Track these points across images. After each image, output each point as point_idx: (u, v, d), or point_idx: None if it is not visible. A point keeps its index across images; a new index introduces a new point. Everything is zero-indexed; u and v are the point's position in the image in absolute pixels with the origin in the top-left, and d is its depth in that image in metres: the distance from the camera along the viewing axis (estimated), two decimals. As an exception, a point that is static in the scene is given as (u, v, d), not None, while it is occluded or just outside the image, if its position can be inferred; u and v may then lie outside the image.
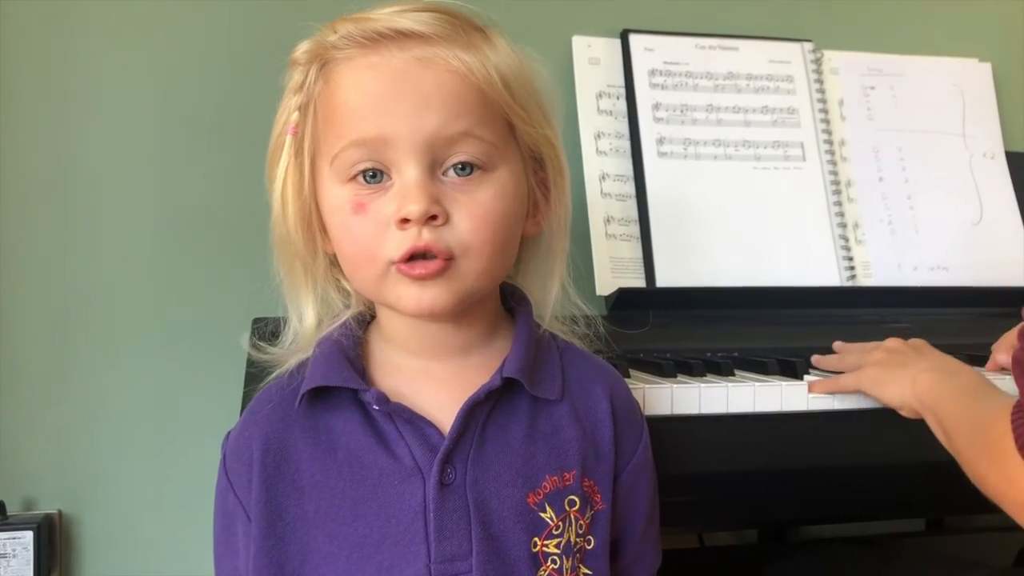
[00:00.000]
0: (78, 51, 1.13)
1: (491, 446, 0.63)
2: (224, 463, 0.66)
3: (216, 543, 0.67)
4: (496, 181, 0.61)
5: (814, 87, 1.23)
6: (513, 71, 0.62)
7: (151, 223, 1.15)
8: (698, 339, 1.05)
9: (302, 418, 0.64)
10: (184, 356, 1.14)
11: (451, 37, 0.60)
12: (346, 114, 0.60)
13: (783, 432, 0.84)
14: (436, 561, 0.60)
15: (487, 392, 0.62)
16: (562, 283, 0.71)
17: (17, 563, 1.07)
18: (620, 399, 0.69)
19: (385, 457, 0.62)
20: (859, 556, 1.04)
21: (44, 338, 1.13)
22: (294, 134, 0.63)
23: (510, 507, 0.62)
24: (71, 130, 1.13)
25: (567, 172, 0.69)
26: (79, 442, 1.13)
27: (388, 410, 0.62)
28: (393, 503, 0.61)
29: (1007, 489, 0.64)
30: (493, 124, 0.61)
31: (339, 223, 0.62)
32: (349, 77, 0.60)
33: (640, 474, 0.69)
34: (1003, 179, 1.26)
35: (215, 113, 1.15)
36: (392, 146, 0.59)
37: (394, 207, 0.59)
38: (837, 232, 1.18)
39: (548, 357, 0.68)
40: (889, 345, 0.88)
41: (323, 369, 0.63)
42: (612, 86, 1.18)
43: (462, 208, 0.60)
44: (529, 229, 0.68)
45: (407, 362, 0.66)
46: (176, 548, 1.15)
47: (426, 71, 0.59)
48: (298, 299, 0.68)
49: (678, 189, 1.14)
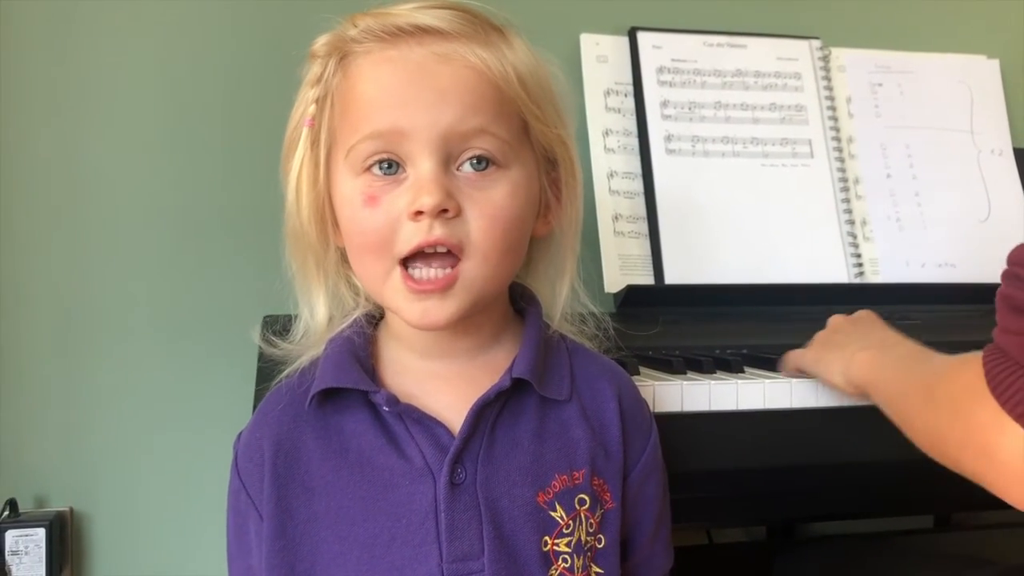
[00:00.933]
0: (84, 49, 1.13)
1: (500, 446, 0.63)
2: (236, 463, 0.66)
3: (230, 544, 0.68)
4: (509, 179, 0.61)
5: (822, 84, 1.23)
6: (530, 71, 0.63)
7: (161, 219, 1.15)
8: (706, 336, 1.05)
9: (313, 418, 0.64)
10: (195, 353, 1.15)
11: (470, 34, 0.60)
12: (363, 107, 0.60)
13: (792, 429, 0.84)
14: (448, 561, 0.60)
15: (497, 392, 0.63)
16: (572, 284, 0.71)
17: (30, 560, 1.08)
18: (628, 399, 0.69)
19: (396, 458, 0.62)
20: (868, 553, 1.03)
21: (54, 336, 1.13)
22: (311, 126, 0.64)
23: (520, 506, 0.62)
24: (78, 127, 1.13)
25: (579, 174, 0.69)
26: (90, 440, 1.14)
27: (398, 411, 0.62)
28: (404, 503, 0.61)
29: (971, 439, 0.59)
30: (508, 122, 0.61)
31: (349, 215, 0.62)
32: (367, 70, 0.61)
33: (649, 474, 0.69)
34: (1011, 176, 1.26)
35: (223, 109, 1.16)
36: (408, 139, 0.59)
37: (407, 200, 0.59)
38: (845, 229, 1.18)
39: (557, 357, 0.68)
40: (831, 324, 0.87)
41: (333, 370, 0.64)
42: (620, 83, 1.18)
43: (475, 205, 0.60)
44: (540, 230, 0.68)
45: (416, 363, 0.66)
46: (187, 544, 1.16)
47: (444, 66, 0.59)
48: (309, 293, 0.68)
49: (686, 186, 1.14)
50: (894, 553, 1.04)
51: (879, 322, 0.84)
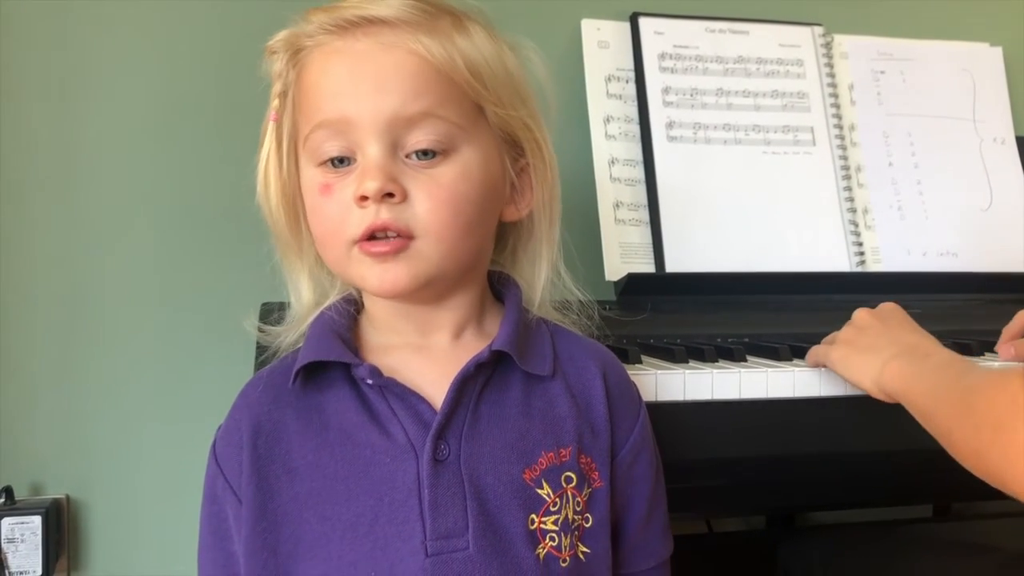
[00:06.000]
0: (79, 42, 1.12)
1: (484, 422, 0.63)
2: (214, 448, 0.67)
3: (202, 533, 0.67)
4: (459, 162, 0.62)
5: (824, 71, 1.22)
6: (483, 56, 0.63)
7: (159, 209, 1.14)
8: (708, 324, 1.05)
9: (294, 398, 0.64)
10: (192, 342, 1.14)
11: (416, 22, 0.61)
12: (315, 98, 0.62)
13: (795, 418, 0.84)
14: (432, 538, 0.60)
15: (477, 365, 0.63)
16: (554, 268, 0.71)
17: (26, 547, 1.07)
18: (613, 377, 0.69)
19: (377, 435, 0.62)
20: (869, 541, 1.04)
21: (51, 324, 1.12)
22: (275, 120, 0.66)
23: (506, 483, 0.62)
24: (74, 120, 1.12)
25: (549, 157, 0.69)
26: (86, 427, 1.13)
27: (380, 384, 0.63)
28: (386, 481, 0.61)
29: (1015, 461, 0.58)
30: (459, 105, 0.62)
31: (310, 204, 0.64)
32: (318, 63, 0.62)
33: (639, 453, 0.69)
34: (1013, 164, 1.25)
35: (217, 102, 1.15)
36: (355, 127, 0.60)
37: (354, 187, 0.60)
38: (847, 217, 1.17)
39: (538, 336, 0.69)
40: (858, 321, 0.84)
41: (315, 345, 0.64)
42: (621, 70, 1.17)
43: (421, 188, 0.61)
44: (510, 214, 0.68)
45: (397, 343, 0.67)
46: (183, 532, 1.15)
47: (387, 54, 0.60)
48: (293, 277, 0.71)
49: (688, 174, 1.13)
50: (894, 542, 1.04)
51: (907, 320, 0.82)
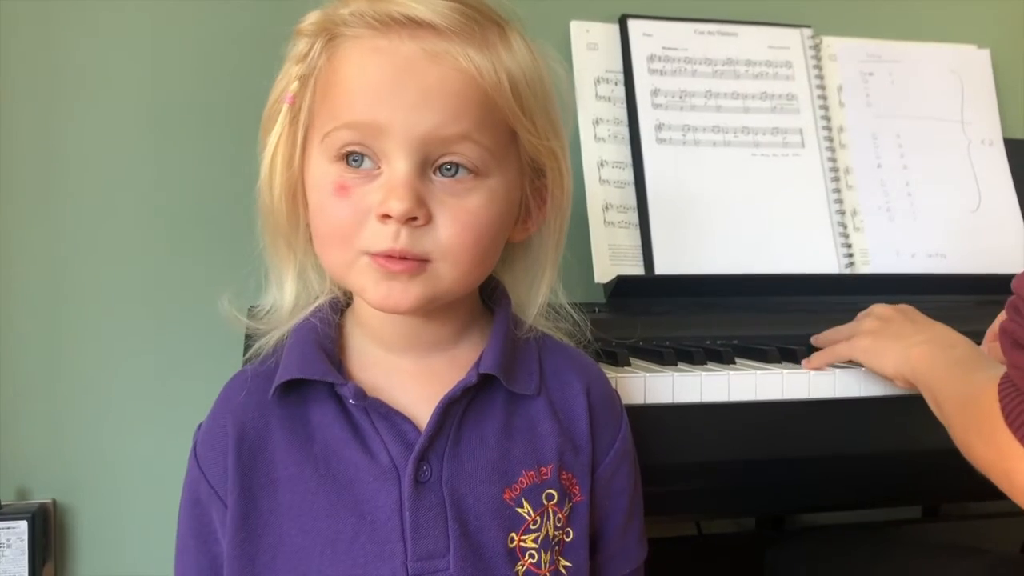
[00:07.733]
0: (66, 40, 1.12)
1: (466, 443, 0.62)
2: (195, 451, 0.65)
3: (181, 536, 0.65)
4: (487, 188, 0.60)
5: (813, 73, 1.22)
6: (526, 76, 0.61)
7: (145, 211, 1.14)
8: (697, 326, 1.04)
9: (278, 407, 0.63)
10: (179, 345, 1.14)
11: (466, 33, 0.58)
12: (345, 94, 0.58)
13: (783, 420, 0.84)
14: (413, 559, 0.59)
15: (463, 389, 0.62)
16: (552, 290, 0.69)
17: (12, 552, 1.07)
18: (597, 393, 0.68)
19: (360, 454, 0.61)
20: (858, 542, 1.04)
21: (38, 327, 1.12)
22: (291, 103, 0.61)
23: (486, 504, 0.61)
24: (62, 121, 1.12)
25: (568, 186, 0.66)
26: (73, 432, 1.13)
27: (365, 405, 0.61)
28: (368, 500, 0.60)
29: (995, 460, 0.63)
30: (494, 130, 0.59)
31: (318, 200, 0.60)
32: (354, 57, 0.58)
33: (619, 466, 0.68)
34: (1001, 166, 1.26)
35: (206, 104, 1.14)
36: (385, 135, 0.57)
37: (378, 198, 0.57)
38: (836, 219, 1.17)
39: (526, 352, 0.67)
40: (880, 312, 0.86)
41: (299, 360, 0.62)
42: (610, 71, 1.17)
43: (448, 212, 0.58)
44: (518, 235, 0.66)
45: (382, 355, 0.65)
46: (170, 537, 1.13)
47: (433, 65, 0.57)
48: (279, 269, 0.67)
49: (677, 176, 1.13)
50: (884, 543, 1.04)
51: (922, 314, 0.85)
